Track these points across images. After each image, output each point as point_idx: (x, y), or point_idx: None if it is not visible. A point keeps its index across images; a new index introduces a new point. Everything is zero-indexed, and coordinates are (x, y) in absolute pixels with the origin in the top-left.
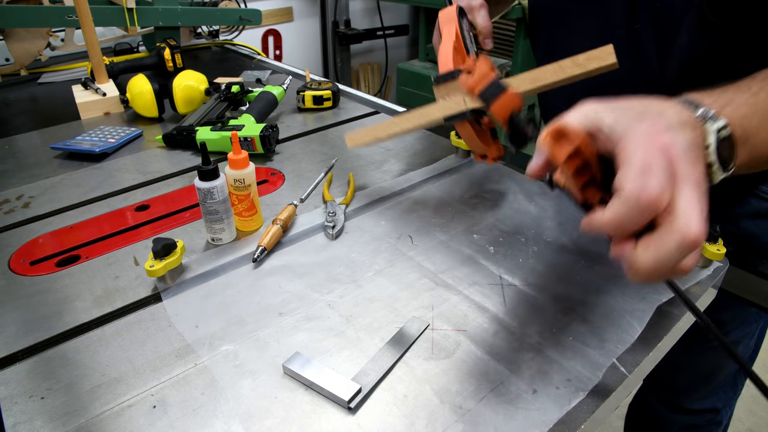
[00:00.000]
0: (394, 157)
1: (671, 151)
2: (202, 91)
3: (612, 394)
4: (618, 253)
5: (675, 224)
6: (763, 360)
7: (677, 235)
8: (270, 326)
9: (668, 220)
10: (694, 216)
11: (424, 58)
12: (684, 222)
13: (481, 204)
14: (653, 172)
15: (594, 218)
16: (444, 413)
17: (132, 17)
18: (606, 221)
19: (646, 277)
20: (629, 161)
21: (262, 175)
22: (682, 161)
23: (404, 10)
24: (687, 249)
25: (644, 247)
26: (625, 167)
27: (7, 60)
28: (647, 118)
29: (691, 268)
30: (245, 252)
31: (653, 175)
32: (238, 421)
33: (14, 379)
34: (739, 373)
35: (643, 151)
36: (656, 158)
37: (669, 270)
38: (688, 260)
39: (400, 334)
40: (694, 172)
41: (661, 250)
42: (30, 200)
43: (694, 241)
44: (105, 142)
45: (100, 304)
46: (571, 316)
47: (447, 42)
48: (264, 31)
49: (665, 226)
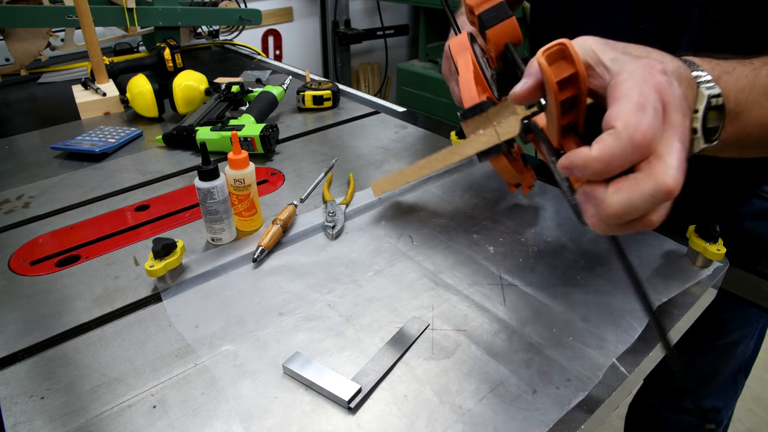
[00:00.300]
0: (394, 157)
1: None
2: (202, 91)
3: (612, 394)
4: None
5: (654, 170)
6: (763, 360)
7: (654, 182)
8: (270, 326)
9: (647, 165)
10: (675, 166)
11: (424, 58)
12: (664, 170)
13: (481, 204)
14: (648, 111)
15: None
16: (444, 413)
17: (132, 17)
18: (594, 157)
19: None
20: (625, 97)
21: (262, 175)
22: (674, 108)
23: (404, 10)
24: (660, 199)
25: (616, 189)
26: (619, 102)
27: (7, 60)
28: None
29: (658, 223)
30: (245, 252)
31: (648, 114)
32: (238, 421)
33: (14, 379)
34: (739, 373)
35: (639, 89)
36: (652, 97)
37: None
38: (657, 213)
39: (400, 334)
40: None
41: (634, 194)
42: (30, 200)
43: (670, 192)
44: (105, 142)
45: (100, 304)
46: (571, 316)
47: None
48: (264, 31)
49: (643, 171)
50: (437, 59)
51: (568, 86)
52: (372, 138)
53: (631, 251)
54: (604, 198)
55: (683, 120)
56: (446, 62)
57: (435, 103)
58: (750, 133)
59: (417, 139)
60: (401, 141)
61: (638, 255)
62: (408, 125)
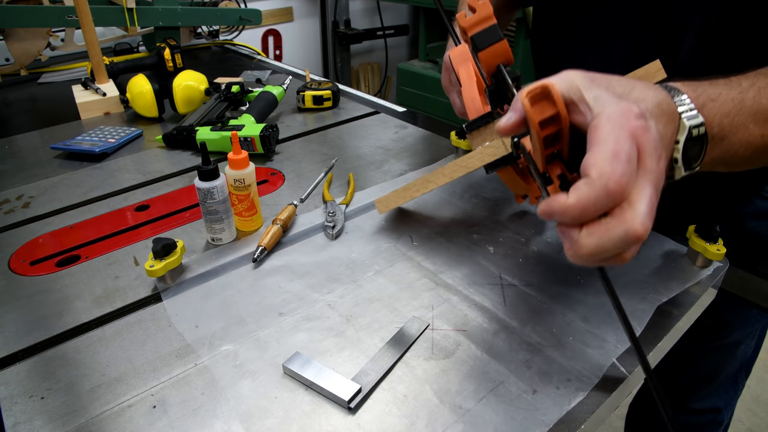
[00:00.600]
0: (394, 157)
1: (642, 138)
2: (202, 91)
3: (612, 394)
4: (562, 232)
5: (624, 216)
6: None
7: (623, 228)
8: (270, 326)
9: (619, 211)
10: (645, 212)
11: (424, 58)
12: (633, 216)
13: (481, 204)
14: (622, 159)
15: (556, 202)
16: (444, 413)
17: (132, 17)
18: (570, 204)
19: (585, 260)
20: (602, 143)
21: (262, 175)
22: (649, 154)
23: (404, 10)
24: (630, 243)
25: (589, 233)
26: (596, 149)
27: (7, 60)
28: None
29: (630, 259)
30: (245, 252)
31: (622, 163)
32: (238, 421)
33: (14, 379)
34: (740, 373)
35: (615, 136)
36: (627, 144)
37: (608, 258)
38: (628, 252)
39: (400, 334)
40: (658, 168)
41: (604, 239)
42: (30, 200)
43: (639, 237)
44: (105, 142)
45: (100, 304)
46: (571, 316)
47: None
48: (264, 31)
49: (615, 216)
50: (437, 59)
51: (551, 124)
52: (372, 138)
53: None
54: (578, 239)
55: (657, 164)
56: (446, 73)
57: (435, 103)
58: (736, 153)
59: (417, 139)
60: (401, 141)
61: (638, 255)
62: (408, 125)
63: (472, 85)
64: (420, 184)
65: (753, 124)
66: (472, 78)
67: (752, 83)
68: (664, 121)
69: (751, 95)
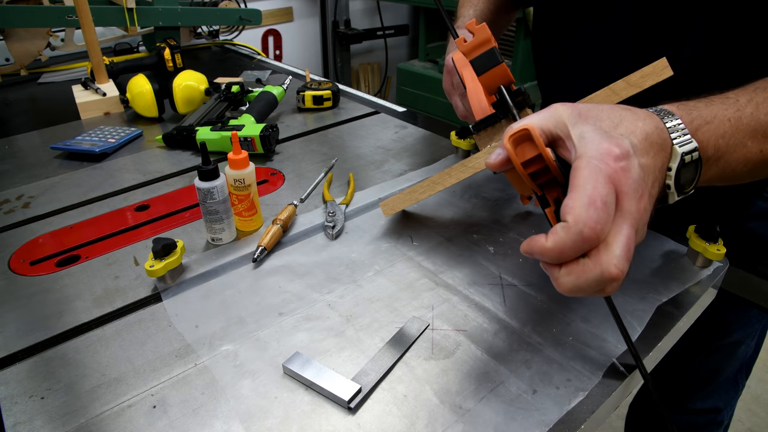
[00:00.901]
0: (394, 157)
1: (621, 182)
2: (202, 91)
3: (612, 394)
4: (545, 269)
5: (600, 259)
6: (763, 360)
7: (598, 270)
8: (270, 326)
9: (596, 253)
10: (620, 255)
11: (424, 58)
12: (608, 259)
13: (481, 204)
14: (598, 206)
15: (536, 244)
16: (444, 413)
17: (132, 17)
18: (549, 248)
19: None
20: (580, 188)
21: (262, 175)
22: (628, 196)
23: (404, 10)
24: (605, 283)
25: (567, 272)
26: (574, 193)
27: (7, 60)
28: (610, 140)
29: (611, 293)
30: (245, 252)
31: (598, 209)
32: (238, 421)
33: (14, 379)
34: (740, 373)
35: (593, 181)
36: (604, 190)
37: (588, 294)
38: (609, 288)
39: (400, 334)
40: (638, 208)
41: (581, 279)
42: (30, 200)
43: (614, 279)
44: (105, 142)
45: (100, 304)
46: (571, 316)
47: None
48: (264, 31)
49: (592, 258)
50: (437, 59)
51: (535, 162)
52: (372, 138)
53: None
54: (557, 277)
55: (637, 204)
56: (448, 76)
57: (435, 103)
58: (734, 170)
59: (417, 139)
60: (401, 141)
61: (638, 255)
62: (408, 125)
63: (477, 87)
64: (426, 185)
65: (751, 141)
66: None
67: (750, 99)
68: (652, 153)
69: (749, 112)
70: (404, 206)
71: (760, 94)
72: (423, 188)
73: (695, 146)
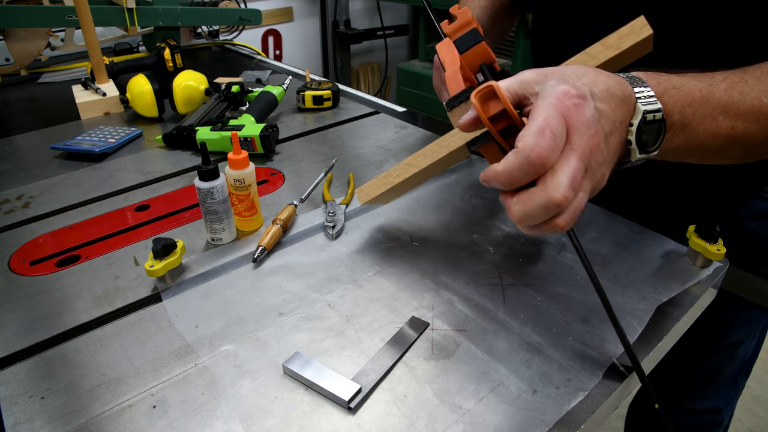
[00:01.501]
0: (394, 157)
1: (573, 117)
2: (202, 91)
3: (612, 394)
4: (502, 200)
5: (545, 185)
6: (763, 360)
7: (544, 196)
8: (270, 326)
9: (542, 181)
10: (565, 183)
11: (424, 58)
12: (554, 186)
13: (481, 204)
14: (547, 135)
15: (490, 169)
16: (444, 413)
17: (132, 17)
18: (499, 172)
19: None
20: (532, 120)
21: (262, 175)
22: (579, 131)
23: (404, 10)
24: (551, 210)
25: (517, 200)
26: (527, 125)
27: (7, 60)
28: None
29: (563, 228)
30: (245, 252)
31: (546, 137)
32: (238, 421)
33: (14, 379)
34: (740, 373)
35: (545, 114)
36: (554, 122)
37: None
38: (561, 218)
39: (400, 334)
40: (589, 144)
41: (528, 206)
42: (30, 200)
43: (558, 205)
44: (105, 142)
45: (100, 304)
46: (571, 316)
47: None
48: (264, 31)
49: (539, 185)
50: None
51: (501, 119)
52: (372, 138)
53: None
54: (510, 206)
55: (587, 140)
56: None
57: (435, 103)
58: (703, 143)
59: (417, 139)
60: (401, 141)
61: (638, 255)
62: (408, 125)
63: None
64: (401, 168)
65: (722, 116)
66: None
67: (725, 77)
68: (613, 104)
69: (722, 87)
70: (380, 191)
71: (737, 75)
72: (398, 171)
73: (659, 107)
